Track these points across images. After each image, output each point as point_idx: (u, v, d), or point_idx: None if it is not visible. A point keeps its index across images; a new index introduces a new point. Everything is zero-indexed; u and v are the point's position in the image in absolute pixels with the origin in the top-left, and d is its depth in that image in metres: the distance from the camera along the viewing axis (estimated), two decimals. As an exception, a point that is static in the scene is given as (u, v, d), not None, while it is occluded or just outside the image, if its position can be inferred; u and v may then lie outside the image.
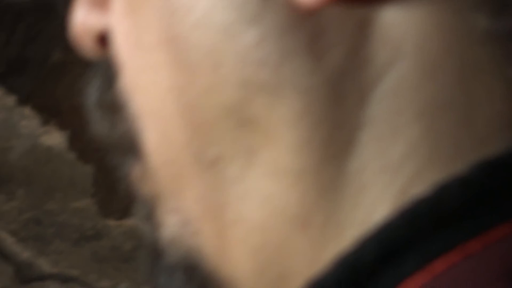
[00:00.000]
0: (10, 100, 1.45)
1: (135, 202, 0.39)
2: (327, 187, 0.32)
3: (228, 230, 0.34)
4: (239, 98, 0.33)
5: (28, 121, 1.41)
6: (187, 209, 0.36)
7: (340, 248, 0.31)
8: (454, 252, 0.29)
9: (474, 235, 0.29)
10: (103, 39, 0.38)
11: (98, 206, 1.45)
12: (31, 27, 1.45)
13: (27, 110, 1.44)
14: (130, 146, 0.37)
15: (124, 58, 0.36)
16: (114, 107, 0.37)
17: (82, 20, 0.39)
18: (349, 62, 0.31)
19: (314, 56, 0.31)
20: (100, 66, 0.39)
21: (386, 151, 0.31)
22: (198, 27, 0.33)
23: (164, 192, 0.37)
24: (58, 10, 1.38)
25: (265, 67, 0.32)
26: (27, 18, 1.47)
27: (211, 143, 0.34)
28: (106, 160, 0.40)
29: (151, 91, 0.35)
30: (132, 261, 1.42)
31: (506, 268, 0.29)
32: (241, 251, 0.34)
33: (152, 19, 0.34)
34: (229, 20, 0.32)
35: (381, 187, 0.31)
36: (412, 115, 0.31)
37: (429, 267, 0.29)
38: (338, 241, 0.31)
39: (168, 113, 0.35)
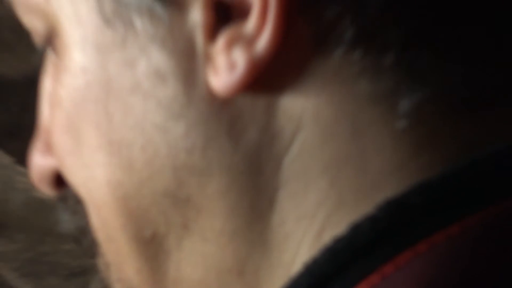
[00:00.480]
0: (8, 160, 1.61)
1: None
2: (256, 240, 0.33)
3: None
4: (173, 182, 0.33)
5: (23, 177, 1.58)
6: (129, 279, 0.37)
7: (274, 287, 0.33)
8: (374, 275, 0.30)
9: (387, 260, 0.30)
10: (59, 178, 0.38)
11: (83, 248, 1.60)
12: (24, 99, 1.61)
13: (22, 168, 1.60)
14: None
15: (65, 163, 0.36)
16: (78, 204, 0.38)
17: (37, 166, 0.39)
18: (262, 138, 0.32)
19: (233, 137, 0.32)
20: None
21: (301, 203, 0.32)
22: (134, 129, 0.33)
23: (110, 264, 0.38)
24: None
25: (193, 153, 0.32)
26: (21, 91, 1.63)
27: (145, 225, 0.34)
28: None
29: (89, 186, 0.36)
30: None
31: (417, 284, 0.29)
32: None
33: (90, 128, 0.34)
34: (160, 119, 0.32)
35: (301, 233, 0.32)
36: (319, 170, 0.32)
37: None
38: (271, 282, 0.33)
39: (104, 203, 0.35)
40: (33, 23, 0.35)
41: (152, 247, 0.35)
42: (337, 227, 0.31)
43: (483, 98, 0.33)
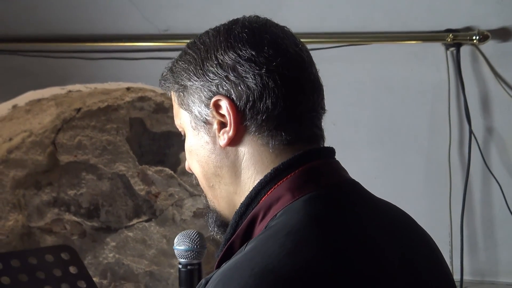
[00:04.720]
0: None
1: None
2: (238, 184, 1.10)
3: None
4: (213, 170, 1.12)
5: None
6: (209, 198, 1.17)
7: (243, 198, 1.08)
8: (276, 186, 1.05)
9: (282, 179, 1.05)
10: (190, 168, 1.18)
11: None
12: (180, 143, 2.38)
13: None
14: None
15: (190, 165, 1.17)
16: None
17: (186, 164, 1.20)
18: (235, 155, 1.09)
19: (227, 156, 1.10)
20: None
21: (247, 173, 1.11)
22: (202, 157, 1.13)
23: (205, 194, 1.18)
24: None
25: (217, 162, 1.11)
26: (179, 140, 2.37)
27: (210, 181, 1.14)
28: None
29: (196, 171, 1.17)
30: None
31: (289, 187, 1.04)
32: None
33: (194, 157, 1.17)
34: (207, 154, 1.13)
35: (249, 182, 1.09)
36: (251, 164, 1.09)
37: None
38: (243, 197, 1.08)
39: (200, 176, 1.16)
40: (179, 129, 1.17)
41: (212, 187, 1.14)
42: (258, 180, 1.07)
43: (295, 140, 1.09)
